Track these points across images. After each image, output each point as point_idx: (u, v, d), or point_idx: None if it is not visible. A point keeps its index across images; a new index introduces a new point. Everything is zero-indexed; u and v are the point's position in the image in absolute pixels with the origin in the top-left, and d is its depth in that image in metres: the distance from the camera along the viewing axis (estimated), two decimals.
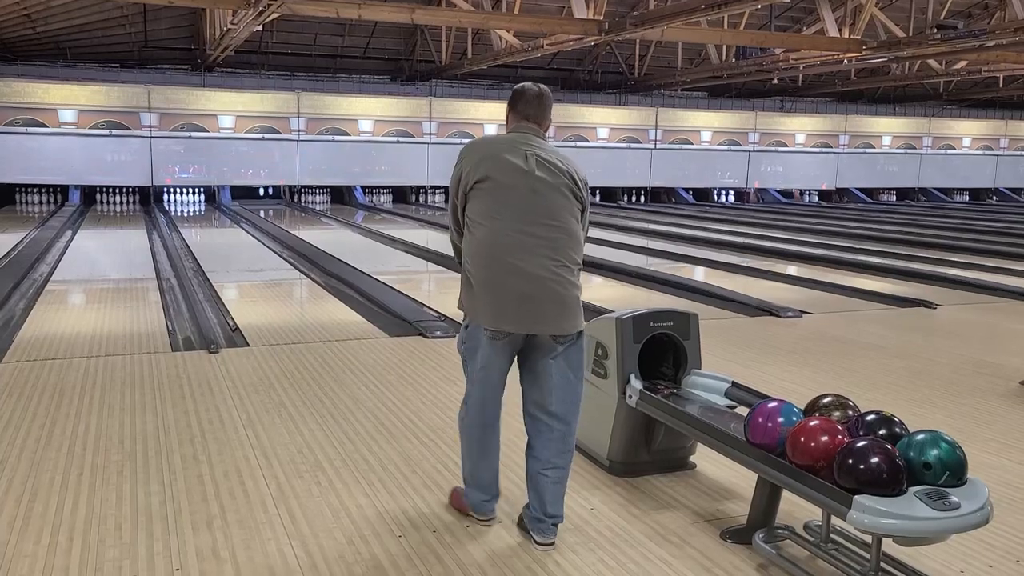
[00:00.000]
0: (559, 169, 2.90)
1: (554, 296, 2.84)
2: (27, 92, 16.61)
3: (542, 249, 2.83)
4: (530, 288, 2.81)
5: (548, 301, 2.83)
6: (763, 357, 5.71)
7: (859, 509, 2.40)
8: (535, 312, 2.83)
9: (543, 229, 2.84)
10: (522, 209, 2.82)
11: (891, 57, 14.91)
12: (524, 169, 2.84)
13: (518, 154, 2.86)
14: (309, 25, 17.05)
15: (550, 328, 2.87)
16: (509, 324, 2.85)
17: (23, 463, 3.61)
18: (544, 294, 2.83)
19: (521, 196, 2.83)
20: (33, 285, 8.18)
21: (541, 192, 2.85)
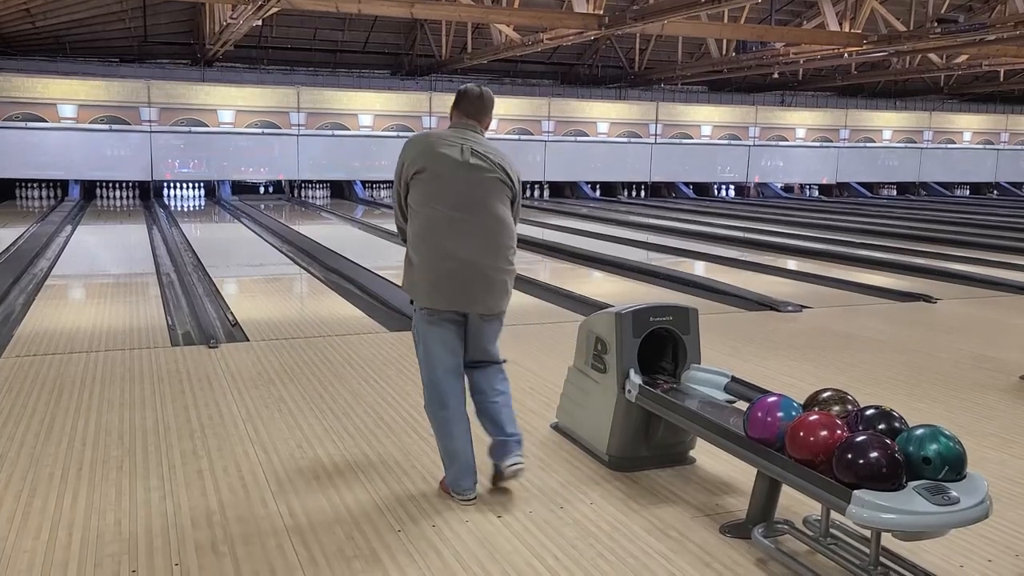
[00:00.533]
0: (492, 161, 3.15)
1: (483, 278, 3.12)
2: (27, 87, 16.58)
3: (474, 234, 3.09)
4: (461, 269, 3.08)
5: (477, 282, 3.10)
6: (763, 352, 5.71)
7: (858, 504, 2.40)
8: (465, 292, 3.10)
9: (475, 216, 3.09)
10: (456, 197, 3.07)
11: (892, 51, 14.88)
12: (459, 160, 3.09)
13: (454, 147, 3.12)
14: (309, 19, 17.02)
15: (477, 307, 3.15)
16: (441, 302, 3.13)
17: (22, 458, 3.61)
18: (473, 275, 3.10)
19: (455, 185, 3.08)
20: (33, 280, 8.17)
21: (474, 182, 3.10)
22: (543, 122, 20.52)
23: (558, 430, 4.04)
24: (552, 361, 5.26)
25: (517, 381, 4.89)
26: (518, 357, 5.47)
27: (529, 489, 3.39)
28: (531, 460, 3.70)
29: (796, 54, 15.31)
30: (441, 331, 3.19)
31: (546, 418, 4.20)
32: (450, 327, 3.19)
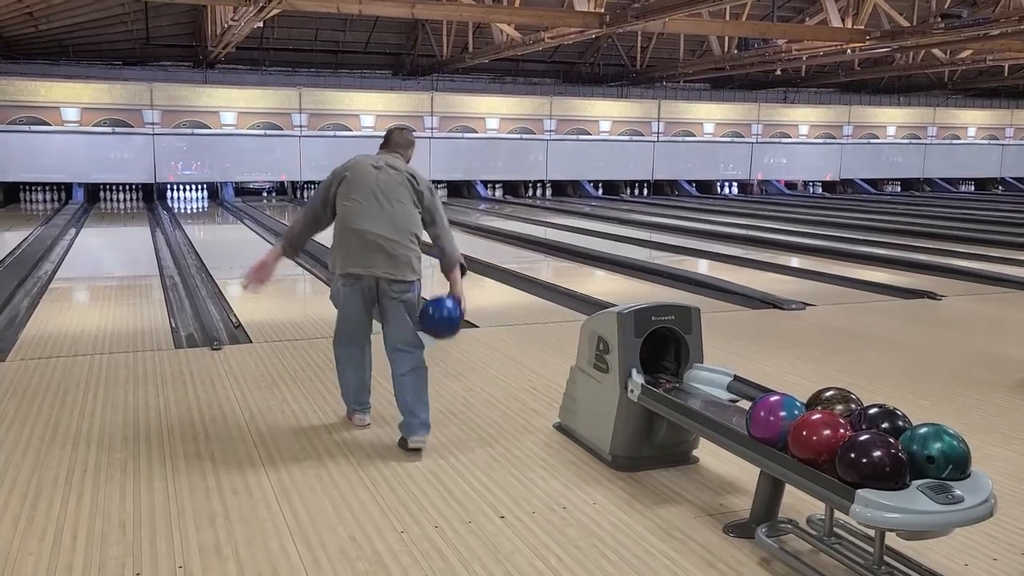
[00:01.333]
0: (399, 169, 3.99)
1: (383, 250, 3.81)
2: (30, 90, 16.62)
3: (380, 219, 3.83)
4: (367, 243, 3.80)
5: (378, 252, 3.80)
6: (766, 350, 5.70)
7: (862, 503, 2.39)
8: (369, 259, 3.80)
9: (383, 206, 3.86)
10: (369, 193, 3.87)
11: (895, 47, 14.86)
12: (374, 167, 3.95)
13: (374, 161, 4.00)
14: (310, 20, 17.03)
15: (380, 270, 3.80)
16: (353, 267, 3.83)
17: (27, 461, 3.62)
18: (376, 247, 3.80)
19: (369, 184, 3.89)
20: (37, 283, 8.19)
21: (383, 181, 3.90)
22: (545, 121, 20.52)
23: (561, 430, 4.04)
24: (554, 361, 5.26)
25: (520, 381, 4.91)
26: (520, 357, 5.48)
27: (532, 489, 3.39)
28: (533, 460, 3.70)
29: (799, 51, 15.28)
30: (353, 297, 3.88)
31: (548, 418, 4.20)
32: (359, 295, 3.87)
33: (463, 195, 20.26)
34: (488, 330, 6.28)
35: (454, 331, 4.05)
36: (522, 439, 3.97)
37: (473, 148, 20.02)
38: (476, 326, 6.39)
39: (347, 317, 3.98)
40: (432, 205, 4.05)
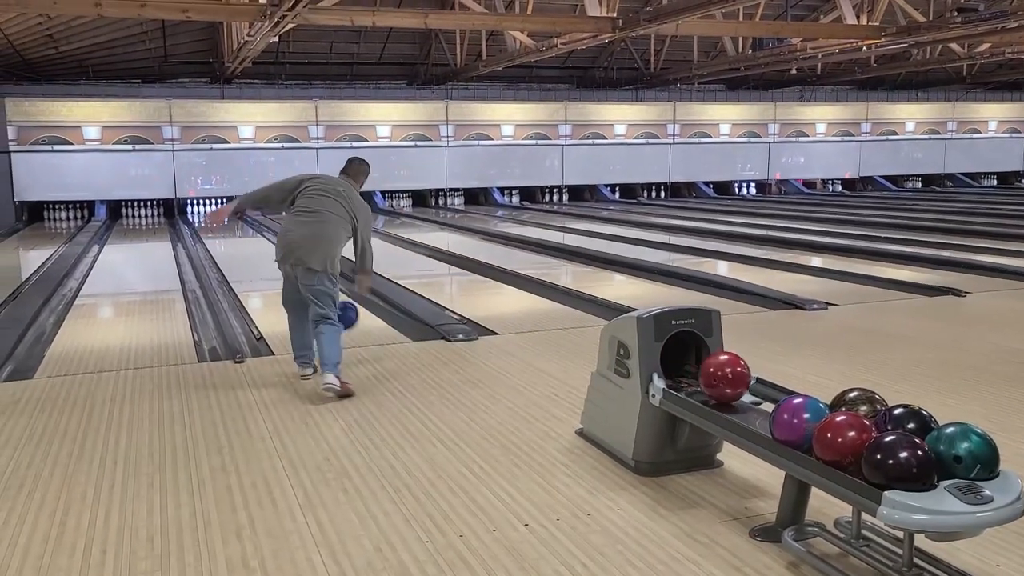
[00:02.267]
0: (343, 195, 5.09)
1: (305, 247, 4.93)
2: (52, 111, 16.85)
3: (310, 225, 4.97)
4: (295, 242, 4.98)
5: (300, 249, 4.94)
6: (788, 351, 5.66)
7: (889, 505, 2.37)
8: (294, 253, 4.96)
9: (315, 216, 4.99)
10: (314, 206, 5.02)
11: (911, 43, 14.73)
12: (328, 189, 5.10)
13: (333, 184, 5.15)
14: (324, 34, 17.15)
15: (295, 260, 4.96)
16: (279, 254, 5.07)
17: (56, 477, 3.67)
18: (300, 245, 4.95)
19: (318, 200, 5.03)
20: (63, 300, 8.29)
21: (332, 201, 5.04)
22: (560, 126, 20.52)
23: (583, 436, 4.03)
24: (575, 367, 5.25)
25: (541, 387, 4.91)
26: (541, 363, 5.47)
27: (555, 496, 3.39)
28: (556, 467, 3.70)
29: (814, 49, 15.19)
30: (287, 276, 5.11)
31: (571, 424, 4.20)
32: (291, 277, 5.07)
33: (480, 202, 20.30)
34: (508, 337, 6.28)
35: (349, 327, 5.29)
36: (545, 446, 3.96)
37: (489, 155, 20.07)
38: (496, 333, 6.40)
39: (285, 290, 5.23)
40: (361, 225, 5.16)
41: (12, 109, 16.49)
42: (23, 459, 3.89)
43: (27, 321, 7.05)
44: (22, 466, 3.80)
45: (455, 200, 20.27)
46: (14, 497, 3.46)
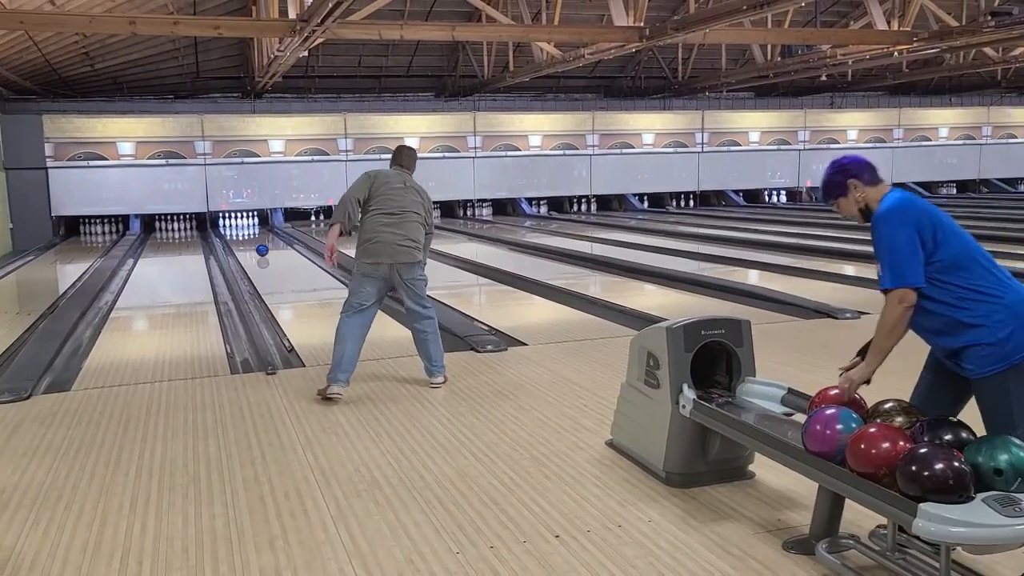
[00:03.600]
0: (417, 189, 5.30)
1: (405, 245, 5.12)
2: (88, 127, 17.18)
3: (399, 224, 5.12)
4: (391, 242, 5.11)
5: (399, 248, 5.11)
6: (820, 361, 5.59)
7: (925, 517, 2.34)
8: (394, 254, 5.10)
9: (400, 217, 5.13)
10: (393, 206, 5.15)
11: (944, 47, 14.54)
12: (398, 184, 5.22)
13: (399, 179, 5.26)
14: (353, 47, 17.31)
15: (390, 259, 5.10)
16: (379, 259, 5.11)
17: (93, 488, 3.73)
18: (398, 243, 5.10)
19: (394, 199, 5.16)
20: (99, 313, 8.43)
21: (407, 197, 5.21)
22: (588, 136, 20.52)
23: (613, 447, 4.02)
24: (605, 377, 5.24)
25: (570, 398, 4.90)
26: (571, 374, 5.47)
27: (586, 508, 3.38)
28: (587, 478, 3.69)
29: (844, 55, 15.05)
30: (369, 280, 5.15)
31: (601, 435, 4.19)
32: (375, 280, 5.15)
33: (508, 213, 20.34)
34: (537, 347, 6.28)
35: None
36: (575, 457, 3.96)
37: (517, 166, 20.11)
38: (524, 344, 6.40)
39: (359, 294, 5.23)
40: (430, 214, 5.39)
41: (49, 126, 16.84)
42: (62, 470, 3.96)
43: (65, 334, 7.18)
44: (60, 477, 3.87)
45: (483, 211, 20.34)
46: (53, 507, 3.52)
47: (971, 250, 2.79)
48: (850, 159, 3.04)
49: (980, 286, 2.72)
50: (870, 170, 3.00)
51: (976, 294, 2.72)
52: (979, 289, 2.72)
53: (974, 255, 2.78)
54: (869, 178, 2.97)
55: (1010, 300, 2.70)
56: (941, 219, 2.81)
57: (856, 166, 3.00)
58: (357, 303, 5.15)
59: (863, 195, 2.97)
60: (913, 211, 2.80)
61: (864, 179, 2.97)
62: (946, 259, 2.75)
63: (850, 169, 2.99)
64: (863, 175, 2.97)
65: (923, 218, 2.78)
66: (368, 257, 5.10)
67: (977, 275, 2.74)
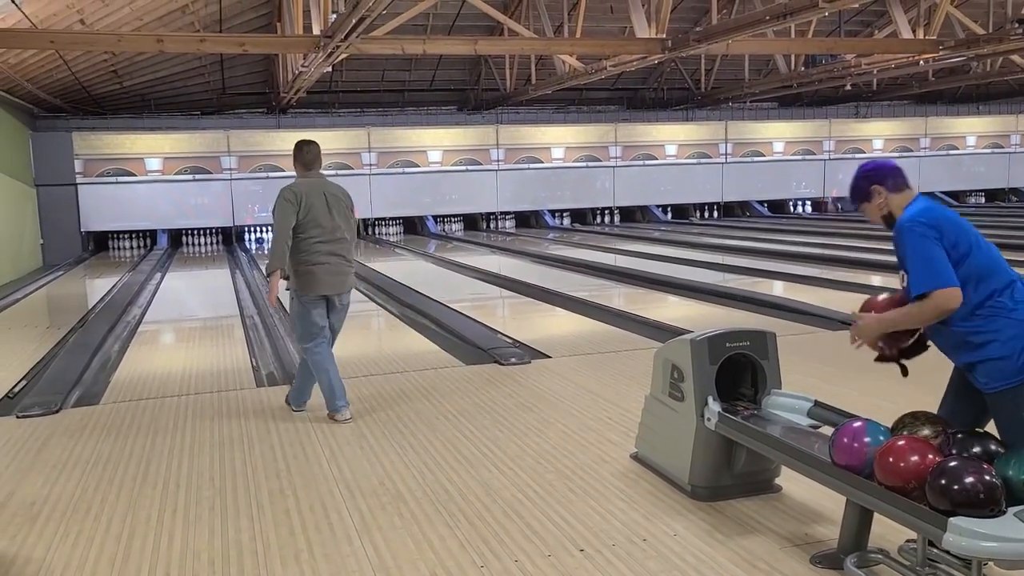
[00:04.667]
0: (338, 196, 5.03)
1: (345, 272, 4.96)
2: (116, 144, 17.46)
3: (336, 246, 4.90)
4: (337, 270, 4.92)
5: (342, 276, 4.95)
6: (847, 373, 5.53)
7: (955, 532, 2.30)
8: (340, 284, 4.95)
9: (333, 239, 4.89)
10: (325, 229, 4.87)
11: (971, 56, 14.39)
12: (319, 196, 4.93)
13: (319, 192, 4.95)
14: (376, 62, 17.47)
15: (335, 290, 4.91)
16: (322, 291, 4.86)
17: (121, 501, 3.77)
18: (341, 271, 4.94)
19: (322, 221, 4.87)
20: (127, 327, 8.54)
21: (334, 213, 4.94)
22: (610, 148, 20.52)
23: (638, 460, 4.00)
24: (629, 390, 5.22)
25: (594, 411, 4.88)
26: (595, 386, 5.45)
27: (611, 521, 3.36)
28: (612, 491, 3.67)
29: (869, 64, 14.95)
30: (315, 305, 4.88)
31: (625, 448, 4.17)
32: (319, 304, 4.90)
33: (531, 225, 20.37)
34: (560, 360, 6.27)
35: None
36: (599, 470, 3.94)
37: (540, 178, 20.15)
38: (548, 356, 6.39)
39: None
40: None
41: (79, 143, 17.13)
42: (90, 483, 4.01)
43: (94, 348, 7.27)
44: (89, 489, 3.92)
45: (506, 223, 20.38)
46: (82, 520, 3.56)
47: (991, 263, 2.75)
48: (875, 165, 3.03)
49: (994, 300, 2.69)
50: (895, 176, 2.96)
51: (989, 308, 2.69)
52: (992, 304, 2.69)
53: (993, 268, 2.74)
54: (893, 184, 2.96)
55: (1022, 315, 2.66)
56: (964, 230, 2.77)
57: (879, 172, 2.98)
58: (317, 331, 4.87)
59: (885, 202, 2.96)
60: (935, 220, 2.78)
61: (887, 185, 2.95)
62: (964, 271, 2.70)
63: (873, 175, 2.98)
64: (886, 181, 2.96)
65: (946, 227, 2.75)
66: (312, 290, 4.81)
67: (992, 289, 2.70)
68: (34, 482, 4.04)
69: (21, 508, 3.71)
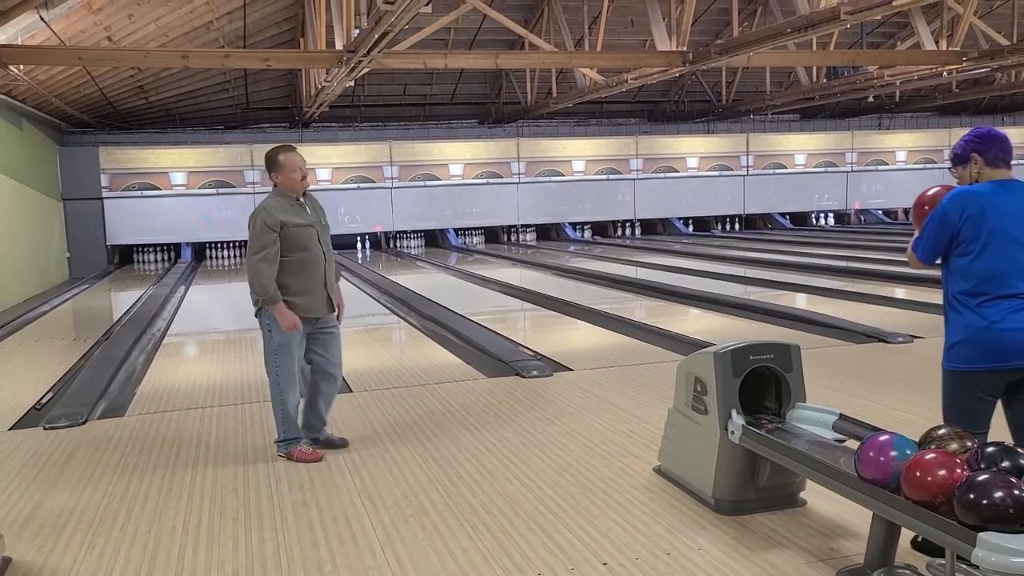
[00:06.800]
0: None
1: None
2: (141, 158, 17.70)
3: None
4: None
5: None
6: (872, 386, 5.48)
7: (985, 547, 2.27)
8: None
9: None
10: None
11: (995, 67, 14.27)
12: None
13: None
14: (398, 77, 17.60)
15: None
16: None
17: (147, 512, 3.80)
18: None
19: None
20: (151, 340, 8.62)
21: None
22: (631, 160, 20.52)
23: (661, 473, 3.98)
24: (651, 402, 5.20)
25: (616, 424, 4.87)
26: (617, 399, 5.43)
27: (634, 535, 3.34)
28: (635, 504, 3.66)
29: (891, 76, 14.86)
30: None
31: (648, 461, 4.15)
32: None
33: (551, 238, 20.39)
34: (582, 373, 6.26)
35: None
36: (622, 483, 3.93)
37: (560, 191, 20.18)
38: (570, 369, 6.39)
39: None
40: None
41: (105, 157, 17.37)
42: (116, 494, 4.05)
43: (119, 360, 7.35)
44: (115, 501, 3.95)
45: (527, 236, 20.41)
46: (108, 531, 3.59)
47: (993, 270, 2.96)
48: (984, 133, 3.17)
49: (967, 298, 3.02)
50: (997, 150, 3.12)
51: (959, 301, 3.06)
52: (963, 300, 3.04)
53: (994, 275, 2.96)
54: (991, 157, 3.11)
55: (969, 319, 3.00)
56: (987, 231, 2.98)
57: (984, 141, 3.13)
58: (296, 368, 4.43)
59: (979, 172, 3.13)
60: (968, 209, 3.01)
61: (987, 157, 3.11)
62: (965, 263, 3.02)
63: (977, 143, 3.14)
64: (987, 153, 3.11)
65: (971, 219, 2.99)
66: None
67: (976, 289, 2.99)
68: (61, 493, 4.08)
69: (48, 519, 3.75)
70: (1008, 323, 2.93)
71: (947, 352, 3.11)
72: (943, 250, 3.09)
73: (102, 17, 10.95)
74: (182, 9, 11.79)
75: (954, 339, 3.07)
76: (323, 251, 4.50)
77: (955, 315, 3.07)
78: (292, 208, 4.46)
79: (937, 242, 3.09)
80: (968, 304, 3.02)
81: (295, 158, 4.45)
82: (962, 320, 3.03)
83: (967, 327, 3.01)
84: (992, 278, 2.97)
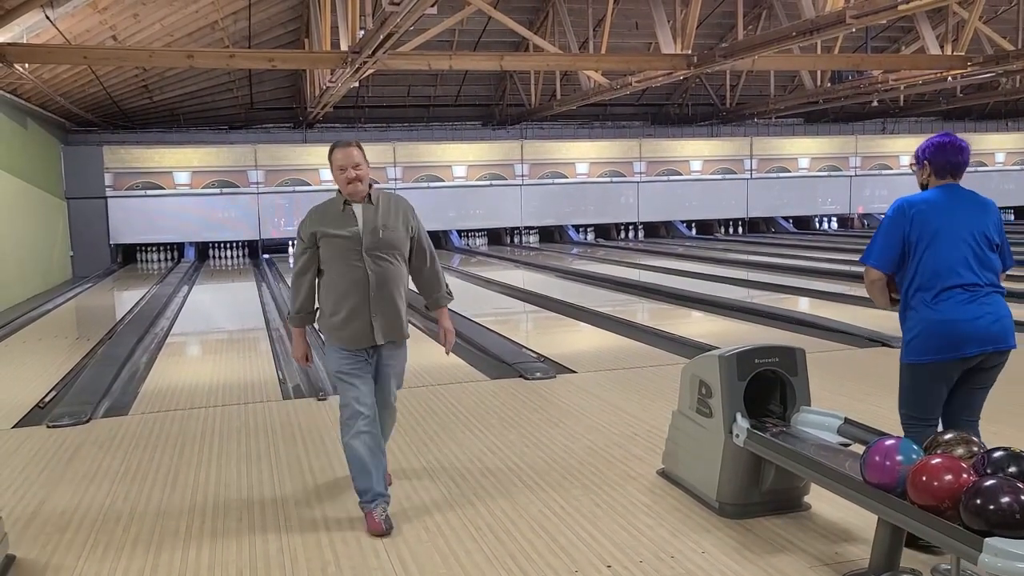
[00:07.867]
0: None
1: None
2: (145, 157, 17.72)
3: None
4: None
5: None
6: (877, 390, 5.48)
7: (991, 553, 2.26)
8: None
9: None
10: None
11: (1000, 72, 14.26)
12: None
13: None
14: (402, 78, 17.62)
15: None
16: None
17: (150, 512, 3.80)
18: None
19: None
20: (155, 339, 8.63)
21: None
22: (635, 163, 20.51)
23: (665, 476, 3.97)
24: (655, 405, 5.19)
25: (620, 427, 4.86)
26: (621, 402, 5.43)
27: (638, 538, 3.34)
28: (639, 507, 3.65)
29: (896, 80, 14.85)
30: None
31: (652, 464, 4.14)
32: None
33: (555, 240, 20.38)
34: (586, 375, 6.25)
35: None
36: (626, 486, 3.92)
37: (564, 193, 20.19)
38: (573, 371, 6.38)
39: None
40: None
41: (109, 156, 17.39)
42: (120, 493, 4.04)
43: (122, 359, 7.36)
44: (119, 500, 3.95)
45: (530, 238, 20.41)
46: (111, 530, 3.59)
47: (938, 266, 3.16)
48: (941, 142, 3.30)
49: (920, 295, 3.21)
50: (946, 162, 3.27)
51: (913, 299, 3.23)
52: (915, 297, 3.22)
53: (939, 271, 3.16)
54: (938, 168, 3.29)
55: (924, 314, 3.19)
56: (932, 231, 3.18)
57: (937, 151, 3.29)
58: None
59: (928, 178, 3.34)
60: (913, 212, 3.22)
61: (934, 166, 3.30)
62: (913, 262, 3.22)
63: (931, 151, 3.31)
64: (935, 163, 3.29)
65: (916, 221, 3.20)
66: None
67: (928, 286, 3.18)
68: (64, 492, 4.08)
69: (52, 517, 3.75)
70: (960, 314, 3.14)
71: (906, 347, 3.28)
72: (897, 256, 3.24)
73: (107, 16, 10.97)
74: (187, 9, 11.81)
75: (911, 334, 3.24)
76: (370, 268, 3.58)
77: (911, 312, 3.25)
78: (338, 214, 3.65)
79: (888, 245, 3.25)
80: (923, 300, 3.20)
81: (337, 155, 3.69)
82: (917, 315, 3.21)
83: (922, 321, 3.19)
84: (941, 272, 3.16)
